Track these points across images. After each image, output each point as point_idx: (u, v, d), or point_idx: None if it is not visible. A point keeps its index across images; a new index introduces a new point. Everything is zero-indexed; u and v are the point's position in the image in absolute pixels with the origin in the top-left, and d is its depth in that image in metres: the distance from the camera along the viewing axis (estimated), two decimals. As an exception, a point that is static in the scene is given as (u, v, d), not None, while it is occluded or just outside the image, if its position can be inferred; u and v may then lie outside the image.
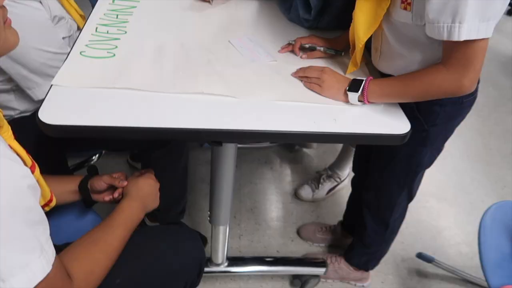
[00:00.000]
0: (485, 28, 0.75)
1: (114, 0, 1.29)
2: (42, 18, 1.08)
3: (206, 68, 1.02)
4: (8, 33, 0.72)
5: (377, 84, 0.94)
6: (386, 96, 0.94)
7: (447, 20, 0.76)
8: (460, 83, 0.83)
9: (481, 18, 0.74)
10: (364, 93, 0.93)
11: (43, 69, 1.10)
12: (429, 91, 0.88)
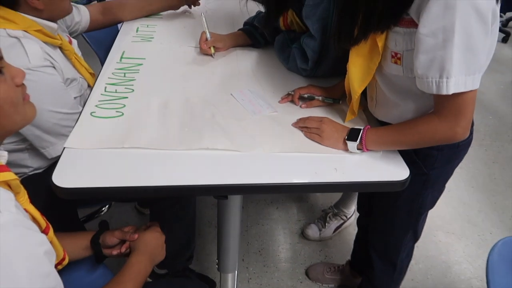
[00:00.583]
0: (472, 81, 0.79)
1: (122, 58, 1.36)
2: (55, 82, 1.14)
3: (210, 123, 1.07)
4: (27, 108, 0.78)
5: (375, 133, 0.98)
6: (383, 144, 0.98)
7: (435, 75, 0.80)
8: (453, 132, 0.86)
9: (467, 72, 0.78)
10: (363, 141, 0.97)
11: (56, 129, 1.15)
12: (425, 140, 0.92)
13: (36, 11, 1.14)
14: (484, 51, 0.79)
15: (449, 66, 0.77)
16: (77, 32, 1.49)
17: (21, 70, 0.76)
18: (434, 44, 0.77)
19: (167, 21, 1.66)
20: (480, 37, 0.75)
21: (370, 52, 0.91)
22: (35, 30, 1.14)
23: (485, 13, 0.73)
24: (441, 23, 0.74)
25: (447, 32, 0.74)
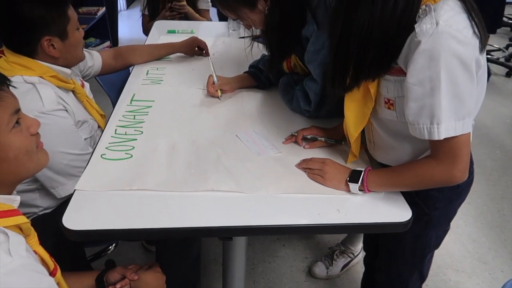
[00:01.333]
0: (462, 125, 0.82)
1: (132, 101, 1.41)
2: (67, 125, 1.20)
3: (216, 165, 1.10)
4: (40, 155, 0.83)
5: (375, 175, 1.00)
6: (384, 186, 1.00)
7: (425, 122, 0.83)
8: (451, 175, 0.89)
9: (456, 118, 0.81)
10: (364, 183, 0.99)
11: (67, 170, 1.19)
12: (424, 182, 0.94)
13: (52, 58, 1.21)
14: (472, 97, 0.82)
15: (438, 112, 0.81)
16: (90, 75, 1.56)
17: (36, 120, 0.82)
18: (422, 92, 0.80)
19: (176, 63, 1.73)
20: (466, 85, 0.79)
21: (363, 98, 0.95)
22: (50, 76, 1.21)
23: (468, 62, 0.77)
24: (427, 73, 0.78)
25: (433, 81, 0.78)
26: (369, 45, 0.82)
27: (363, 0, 0.79)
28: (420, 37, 0.77)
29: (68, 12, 1.20)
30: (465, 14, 0.79)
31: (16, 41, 1.16)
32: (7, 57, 1.17)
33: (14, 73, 1.14)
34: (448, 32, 0.75)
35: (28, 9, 1.10)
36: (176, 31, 2.10)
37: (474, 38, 0.78)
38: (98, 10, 3.55)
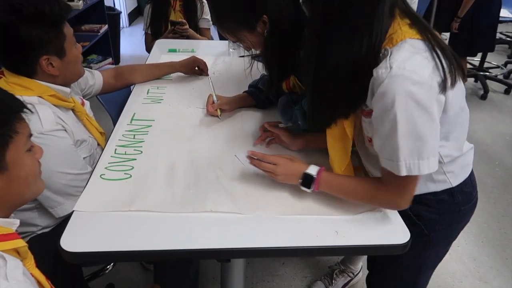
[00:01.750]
0: (427, 164, 0.84)
1: (132, 120, 1.43)
2: (66, 145, 1.20)
3: (215, 185, 1.10)
4: (39, 181, 0.85)
5: (327, 182, 1.01)
6: (333, 191, 1.02)
7: (388, 157, 0.87)
8: (396, 204, 0.95)
9: (419, 157, 0.84)
10: (315, 188, 1.02)
11: (65, 190, 1.19)
12: (368, 200, 0.99)
13: (51, 77, 1.22)
14: (434, 137, 0.83)
15: (397, 152, 0.84)
16: (91, 94, 1.58)
17: (41, 148, 0.86)
18: (383, 132, 0.84)
19: (176, 83, 1.75)
20: (424, 125, 0.80)
21: (343, 137, 0.98)
22: (49, 95, 1.21)
23: (425, 103, 0.79)
24: (386, 115, 0.81)
25: (391, 122, 0.81)
26: (337, 85, 0.87)
27: (330, 43, 0.83)
28: (378, 81, 0.81)
29: (64, 30, 1.20)
30: (425, 53, 0.81)
31: (15, 62, 1.17)
32: (7, 77, 1.18)
33: (13, 93, 1.15)
34: (402, 75, 0.78)
35: (25, 31, 1.11)
36: (177, 50, 2.13)
37: (433, 77, 0.79)
38: (100, 27, 3.60)
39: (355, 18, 0.81)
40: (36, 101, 1.17)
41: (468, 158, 1.04)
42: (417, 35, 0.84)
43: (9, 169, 0.77)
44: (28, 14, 1.10)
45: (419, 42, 0.83)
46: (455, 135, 0.93)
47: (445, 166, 0.97)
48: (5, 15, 1.09)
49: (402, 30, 0.84)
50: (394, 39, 0.83)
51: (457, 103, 0.88)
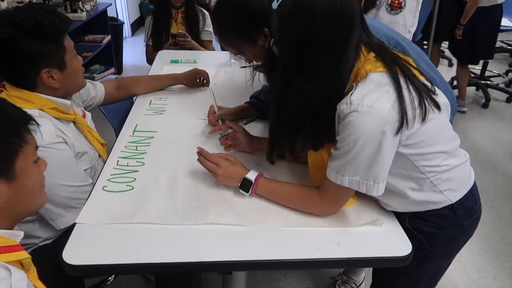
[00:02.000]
0: (365, 186, 0.91)
1: (134, 131, 1.43)
2: (67, 157, 1.20)
3: (216, 197, 1.11)
4: (43, 195, 0.86)
5: (264, 187, 1.08)
6: (269, 196, 1.09)
7: (336, 170, 0.93)
8: (325, 211, 1.03)
9: (362, 178, 0.90)
10: (253, 192, 1.08)
11: (66, 202, 1.20)
12: (301, 206, 1.06)
13: (52, 90, 1.22)
14: (380, 167, 0.88)
15: (345, 169, 0.91)
16: (93, 106, 1.59)
17: (44, 160, 0.88)
18: (338, 153, 0.91)
19: (179, 94, 1.76)
20: (375, 155, 0.87)
21: (323, 165, 1.00)
22: (50, 108, 1.22)
23: (380, 138, 0.85)
24: (345, 141, 0.88)
25: (347, 147, 0.88)
26: (299, 123, 0.93)
27: (295, 85, 0.89)
28: (341, 115, 0.87)
29: (64, 42, 1.20)
30: (386, 87, 0.85)
31: (16, 75, 1.18)
32: (8, 91, 1.19)
33: None
34: (361, 110, 0.84)
35: (25, 44, 1.12)
36: (179, 61, 2.14)
37: (392, 112, 0.84)
38: (103, 38, 3.63)
39: (322, 63, 0.86)
40: (36, 114, 1.17)
41: (463, 173, 1.03)
42: (381, 68, 0.88)
43: (18, 178, 0.79)
44: (28, 28, 1.10)
45: (383, 76, 0.87)
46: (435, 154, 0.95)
47: (439, 185, 0.98)
48: (6, 29, 1.10)
49: (367, 65, 0.88)
50: (358, 75, 0.88)
51: (433, 132, 0.92)
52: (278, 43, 0.91)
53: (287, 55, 0.89)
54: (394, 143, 0.87)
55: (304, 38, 0.84)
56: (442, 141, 0.96)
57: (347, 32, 0.85)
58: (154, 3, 2.54)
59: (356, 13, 0.86)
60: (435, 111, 0.90)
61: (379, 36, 1.19)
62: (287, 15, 0.85)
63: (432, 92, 0.93)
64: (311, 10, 0.82)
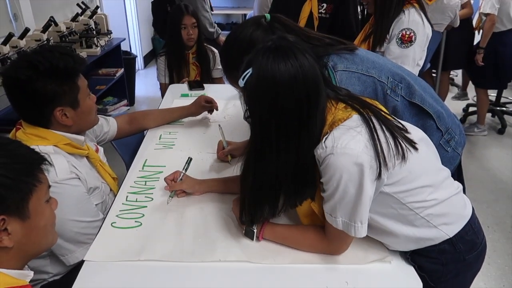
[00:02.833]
0: (353, 228, 0.93)
1: (144, 166, 1.45)
2: (79, 193, 1.22)
3: (224, 233, 1.11)
4: (54, 234, 0.88)
5: (271, 232, 1.08)
6: (277, 240, 1.08)
7: (329, 212, 0.96)
8: (335, 252, 1.03)
9: (351, 219, 0.92)
10: (259, 239, 1.08)
11: (77, 238, 1.21)
12: (309, 249, 1.05)
13: (65, 127, 1.26)
14: (362, 207, 0.90)
15: (337, 210, 0.93)
16: (105, 140, 1.62)
17: (55, 199, 0.91)
18: (326, 195, 0.94)
19: (188, 127, 1.79)
20: (356, 195, 0.89)
21: (312, 213, 1.03)
22: (64, 144, 1.25)
23: (356, 177, 0.88)
24: (329, 183, 0.91)
25: (332, 189, 0.91)
26: (282, 184, 0.97)
27: (266, 157, 0.93)
28: (319, 160, 0.92)
29: (78, 82, 1.24)
30: (358, 128, 0.90)
31: (31, 114, 1.22)
32: (24, 129, 1.23)
33: (30, 143, 1.19)
34: (336, 153, 0.87)
35: (41, 85, 1.16)
36: (189, 94, 2.19)
37: (367, 151, 0.87)
38: (117, 71, 3.73)
39: (291, 133, 0.90)
40: (51, 151, 1.21)
41: (456, 205, 1.02)
42: (352, 112, 0.93)
43: (31, 218, 0.81)
44: (44, 69, 1.15)
45: (354, 118, 0.92)
46: (419, 189, 0.95)
47: (432, 220, 0.97)
48: (23, 71, 1.15)
49: (338, 114, 0.93)
50: (334, 123, 0.92)
51: (414, 167, 0.93)
52: (248, 117, 0.95)
53: (257, 128, 0.93)
54: (374, 183, 0.90)
55: (271, 110, 0.89)
56: (425, 175, 0.97)
57: (312, 99, 0.89)
58: (167, 44, 2.58)
59: (319, 80, 0.91)
60: (411, 150, 0.93)
61: (384, 72, 1.22)
62: (253, 90, 0.91)
63: (404, 131, 0.96)
64: (274, 83, 0.87)
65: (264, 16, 1.19)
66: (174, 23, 2.44)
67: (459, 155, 1.35)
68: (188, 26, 2.42)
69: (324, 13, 2.18)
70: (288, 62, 0.87)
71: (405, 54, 1.69)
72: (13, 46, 2.38)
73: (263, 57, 0.89)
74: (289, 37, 0.96)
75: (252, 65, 0.90)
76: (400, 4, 1.71)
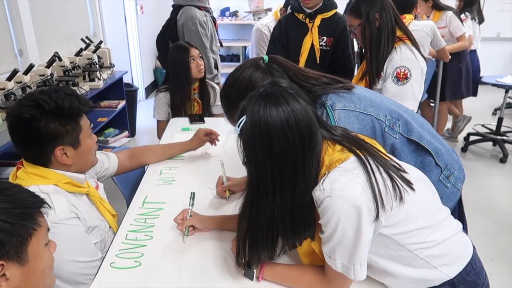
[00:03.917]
0: (353, 271, 0.92)
1: (144, 203, 1.45)
2: (78, 233, 1.22)
3: (223, 272, 1.10)
4: (52, 277, 0.87)
5: (271, 272, 1.07)
6: (275, 281, 1.07)
7: (328, 253, 0.95)
8: None
9: (349, 262, 0.92)
10: (259, 279, 1.07)
11: (75, 278, 1.19)
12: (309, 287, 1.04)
13: (65, 166, 1.26)
14: (361, 249, 0.90)
15: (335, 252, 0.93)
16: (106, 176, 1.62)
17: (54, 242, 0.90)
18: (326, 234, 0.93)
19: (188, 163, 1.80)
20: (353, 238, 0.89)
21: (312, 252, 1.03)
22: (64, 182, 1.25)
23: (355, 219, 0.87)
24: (327, 226, 0.92)
25: (330, 231, 0.91)
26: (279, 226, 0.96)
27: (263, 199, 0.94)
28: (317, 202, 0.92)
29: (81, 122, 1.25)
30: (356, 170, 0.90)
31: (32, 153, 1.22)
32: (25, 168, 1.23)
33: (31, 183, 1.20)
34: (333, 196, 0.88)
35: (44, 124, 1.17)
36: (189, 128, 2.21)
37: (364, 194, 0.88)
38: (118, 103, 3.78)
39: (286, 177, 0.91)
40: (52, 190, 1.21)
41: (456, 246, 1.01)
42: (348, 154, 0.94)
43: (30, 262, 0.81)
44: (49, 109, 1.17)
45: (351, 160, 0.93)
46: (417, 231, 0.95)
47: (432, 262, 0.96)
48: (28, 110, 1.16)
49: (335, 157, 0.94)
50: (332, 164, 0.93)
51: (411, 209, 0.93)
52: (245, 163, 0.96)
53: (253, 172, 0.94)
54: (372, 225, 0.90)
55: (265, 156, 0.91)
56: (423, 216, 0.97)
57: (307, 142, 0.91)
58: (172, 81, 2.51)
59: (313, 122, 0.92)
60: (409, 191, 0.93)
61: (382, 110, 1.24)
62: (248, 137, 0.93)
63: (402, 171, 0.97)
64: (267, 129, 0.89)
65: (262, 58, 1.22)
66: (180, 62, 2.41)
67: (459, 190, 1.35)
68: (196, 58, 2.42)
69: (324, 45, 2.23)
70: (279, 107, 0.89)
71: (404, 91, 1.72)
72: (18, 82, 2.43)
73: (255, 104, 0.91)
74: (281, 82, 0.98)
75: (246, 112, 0.92)
76: (390, 43, 1.75)
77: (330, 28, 2.21)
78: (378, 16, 1.73)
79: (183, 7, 2.94)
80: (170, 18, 3.10)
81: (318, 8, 2.20)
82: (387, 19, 1.74)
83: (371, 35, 1.74)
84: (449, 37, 3.54)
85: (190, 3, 2.93)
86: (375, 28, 1.74)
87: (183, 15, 2.91)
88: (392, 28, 1.75)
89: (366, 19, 1.74)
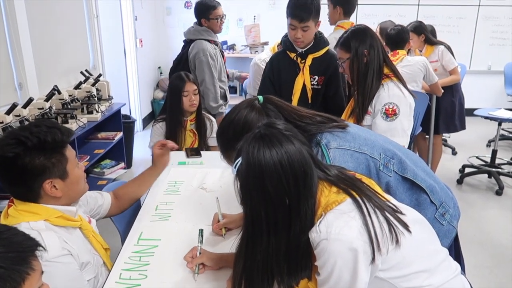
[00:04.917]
0: None
1: (139, 240, 1.44)
2: (71, 270, 1.20)
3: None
4: None
5: None
6: None
7: None
8: None
9: None
10: None
11: (66, 319, 1.17)
12: None
13: (55, 199, 1.26)
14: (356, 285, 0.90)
15: None
16: (99, 214, 1.59)
17: (47, 285, 0.89)
18: (322, 277, 0.93)
19: (185, 197, 1.79)
20: (349, 281, 0.89)
21: None
22: (56, 217, 1.24)
23: (351, 263, 0.88)
24: (323, 268, 0.92)
25: (326, 273, 0.91)
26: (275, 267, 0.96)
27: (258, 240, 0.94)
28: (313, 243, 0.92)
29: (66, 153, 1.25)
30: (352, 213, 0.91)
31: (20, 190, 1.22)
32: (16, 205, 1.22)
33: (21, 220, 1.19)
34: (329, 239, 0.88)
35: (29, 160, 1.16)
36: (186, 162, 2.22)
37: (360, 237, 0.88)
38: (116, 135, 3.79)
39: (281, 218, 0.92)
40: (43, 227, 1.19)
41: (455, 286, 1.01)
42: (344, 196, 0.94)
43: None
44: (32, 145, 1.17)
45: (347, 202, 0.94)
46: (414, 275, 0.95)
47: None
48: (11, 148, 1.16)
49: (331, 198, 0.95)
50: (328, 205, 0.93)
51: (407, 252, 0.93)
52: (242, 204, 0.97)
53: (249, 214, 0.96)
54: (368, 268, 0.90)
55: (260, 197, 0.92)
56: (420, 259, 0.97)
57: (301, 183, 0.92)
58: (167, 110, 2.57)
59: (307, 163, 0.94)
60: (405, 233, 0.93)
61: (376, 148, 1.25)
62: (243, 178, 0.94)
63: (399, 213, 0.97)
64: (261, 170, 0.91)
65: (257, 98, 1.24)
66: (175, 91, 2.48)
67: (454, 228, 1.35)
68: (190, 93, 2.48)
69: (316, 84, 2.27)
70: (272, 149, 0.91)
71: (393, 127, 1.75)
72: (16, 115, 2.45)
73: (250, 146, 0.93)
74: (276, 123, 1.00)
75: (242, 153, 0.94)
76: (376, 80, 1.79)
77: (321, 67, 2.26)
78: (367, 53, 1.78)
79: (194, 41, 3.05)
80: (181, 52, 3.20)
81: (310, 48, 2.24)
82: (374, 56, 1.79)
83: (359, 70, 1.79)
84: (442, 70, 3.62)
85: (201, 37, 3.05)
86: (362, 64, 1.78)
87: (195, 48, 3.03)
88: (379, 66, 1.80)
89: (355, 54, 1.79)
